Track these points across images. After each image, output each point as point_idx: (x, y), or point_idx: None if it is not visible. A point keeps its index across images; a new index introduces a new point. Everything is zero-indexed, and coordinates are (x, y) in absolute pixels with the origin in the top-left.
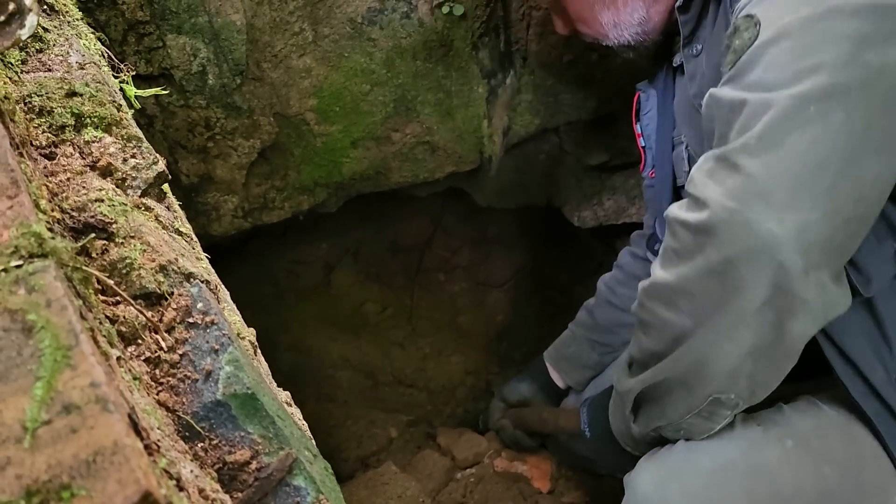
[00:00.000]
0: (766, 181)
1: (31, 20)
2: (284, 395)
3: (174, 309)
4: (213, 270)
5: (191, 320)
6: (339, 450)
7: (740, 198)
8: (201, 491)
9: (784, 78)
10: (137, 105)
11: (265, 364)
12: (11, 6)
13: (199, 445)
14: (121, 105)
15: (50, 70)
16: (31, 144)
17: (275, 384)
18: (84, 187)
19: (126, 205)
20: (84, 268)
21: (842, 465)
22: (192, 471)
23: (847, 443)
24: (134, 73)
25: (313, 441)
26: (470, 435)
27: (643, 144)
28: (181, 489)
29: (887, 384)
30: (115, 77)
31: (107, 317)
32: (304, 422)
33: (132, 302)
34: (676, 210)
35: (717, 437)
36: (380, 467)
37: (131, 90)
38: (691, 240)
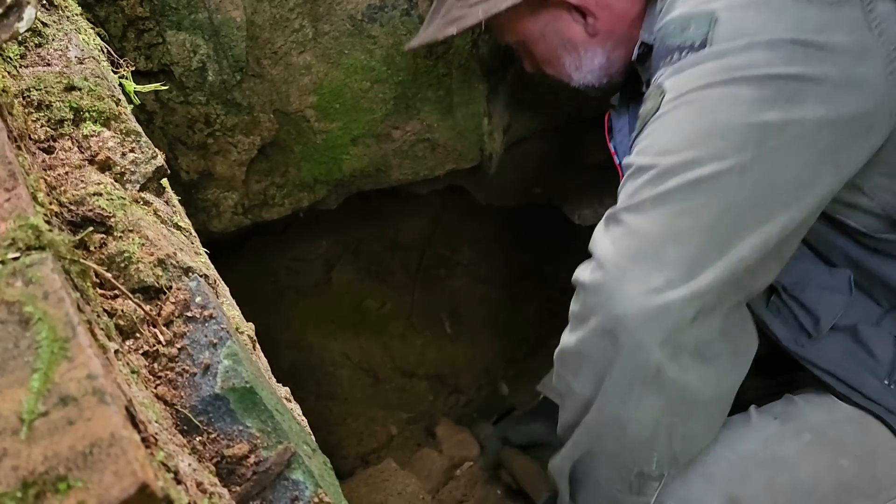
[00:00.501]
0: (654, 239)
1: (30, 13)
2: (284, 391)
3: (172, 303)
4: (211, 265)
5: (189, 314)
6: (340, 447)
7: (630, 256)
8: (199, 484)
9: (679, 143)
10: (137, 101)
11: (264, 359)
12: None
13: (198, 439)
14: (120, 100)
15: (49, 64)
16: (30, 138)
17: (274, 380)
18: (82, 181)
19: (124, 199)
20: (82, 261)
21: (858, 458)
22: (189, 464)
23: (862, 435)
24: (133, 69)
25: (312, 436)
26: (466, 436)
27: (619, 161)
28: (179, 482)
29: (882, 390)
30: (115, 73)
31: (105, 310)
32: (304, 417)
33: (130, 295)
34: (579, 271)
35: (736, 430)
36: (380, 464)
37: (131, 86)
38: (587, 300)
